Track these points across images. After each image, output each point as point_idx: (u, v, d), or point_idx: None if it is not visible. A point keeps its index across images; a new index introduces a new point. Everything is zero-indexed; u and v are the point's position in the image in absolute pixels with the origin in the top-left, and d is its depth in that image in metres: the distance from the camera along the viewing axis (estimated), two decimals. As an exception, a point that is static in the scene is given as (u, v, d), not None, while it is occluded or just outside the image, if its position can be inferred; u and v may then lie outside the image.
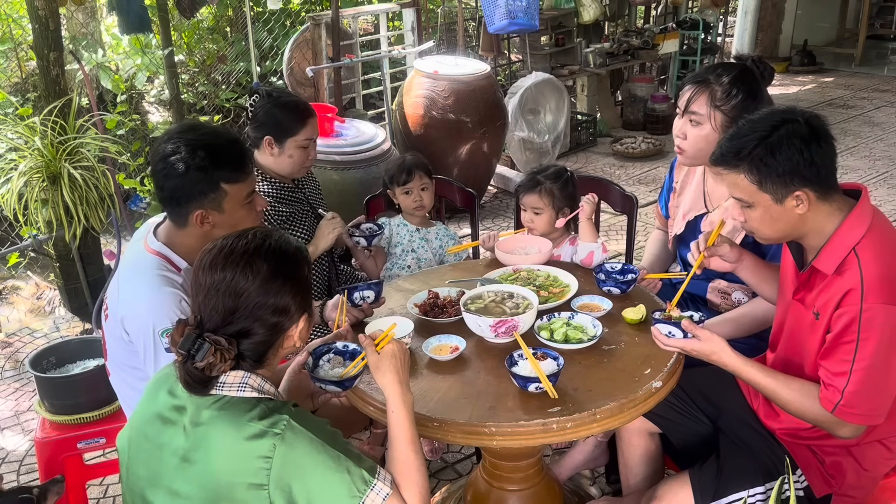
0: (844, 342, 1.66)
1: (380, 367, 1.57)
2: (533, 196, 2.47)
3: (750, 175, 1.69)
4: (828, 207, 1.71)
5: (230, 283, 1.42)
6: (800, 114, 1.70)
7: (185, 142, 1.86)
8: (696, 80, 2.22)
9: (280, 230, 1.67)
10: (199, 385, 1.41)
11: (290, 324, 1.48)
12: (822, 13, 9.76)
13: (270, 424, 1.37)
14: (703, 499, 1.85)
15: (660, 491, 1.93)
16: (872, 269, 1.64)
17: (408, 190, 2.78)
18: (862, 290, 1.63)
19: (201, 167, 1.83)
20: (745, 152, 1.68)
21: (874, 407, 1.69)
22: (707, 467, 1.89)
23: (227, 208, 1.88)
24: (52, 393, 2.41)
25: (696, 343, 1.78)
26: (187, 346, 1.38)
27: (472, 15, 7.04)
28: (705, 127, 2.18)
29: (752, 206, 1.72)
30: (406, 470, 1.49)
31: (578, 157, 6.27)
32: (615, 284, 2.17)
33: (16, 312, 4.10)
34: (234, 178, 1.87)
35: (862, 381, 1.65)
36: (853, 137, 6.59)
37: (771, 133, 1.67)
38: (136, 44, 5.45)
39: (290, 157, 2.59)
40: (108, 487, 2.87)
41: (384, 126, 5.04)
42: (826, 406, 1.70)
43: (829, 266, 1.70)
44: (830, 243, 1.71)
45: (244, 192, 1.90)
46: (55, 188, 3.38)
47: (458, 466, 2.86)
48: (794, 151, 1.64)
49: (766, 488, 1.84)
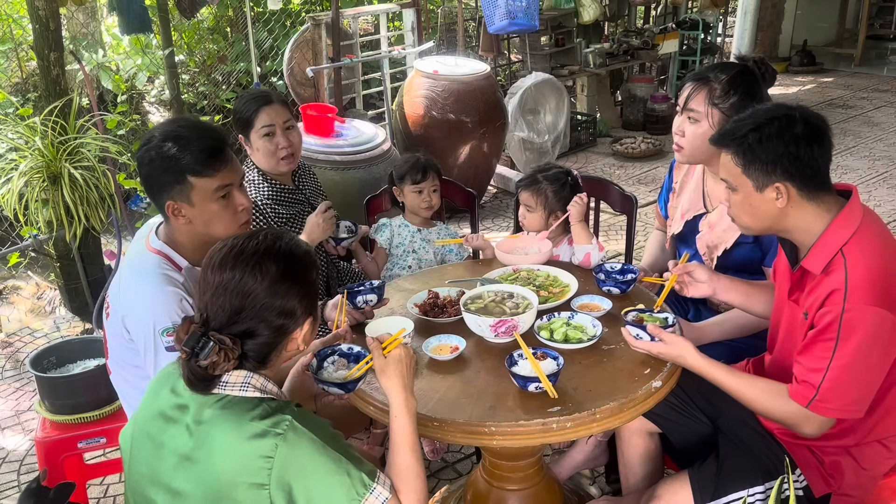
0: (823, 339, 1.68)
1: (385, 370, 1.57)
2: (528, 193, 2.48)
3: (736, 157, 1.73)
4: (815, 207, 1.72)
5: (238, 282, 1.42)
6: (801, 111, 1.72)
7: (161, 132, 1.88)
8: (696, 78, 2.23)
9: (290, 232, 1.66)
10: (202, 383, 1.41)
11: (294, 327, 1.48)
12: (822, 13, 9.76)
13: (273, 424, 1.37)
14: (703, 498, 1.85)
15: (659, 490, 1.93)
16: (858, 270, 1.65)
17: (420, 189, 2.77)
18: (846, 291, 1.64)
19: (168, 157, 1.83)
20: (739, 134, 1.73)
21: (850, 402, 1.69)
22: (706, 467, 1.90)
23: (195, 201, 1.86)
24: (52, 393, 2.41)
25: (662, 346, 1.81)
26: (192, 343, 1.38)
27: (472, 15, 7.04)
28: (703, 124, 2.18)
29: (736, 189, 1.77)
30: (406, 476, 1.49)
31: (578, 157, 6.27)
32: (615, 284, 2.17)
33: (16, 312, 4.11)
34: (199, 171, 1.84)
35: (838, 378, 1.66)
36: (853, 137, 6.59)
37: (768, 123, 1.71)
38: (137, 44, 5.46)
39: (258, 150, 2.55)
40: (108, 487, 2.87)
41: (384, 126, 5.04)
42: (799, 401, 1.70)
43: (817, 266, 1.72)
44: (819, 243, 1.73)
45: (212, 187, 1.86)
46: (55, 188, 3.38)
47: (458, 466, 2.86)
48: (780, 143, 1.68)
49: (766, 488, 1.84)
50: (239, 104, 2.60)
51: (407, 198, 2.81)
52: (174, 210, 1.87)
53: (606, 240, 4.32)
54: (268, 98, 2.56)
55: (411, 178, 2.76)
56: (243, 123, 2.55)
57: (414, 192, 2.78)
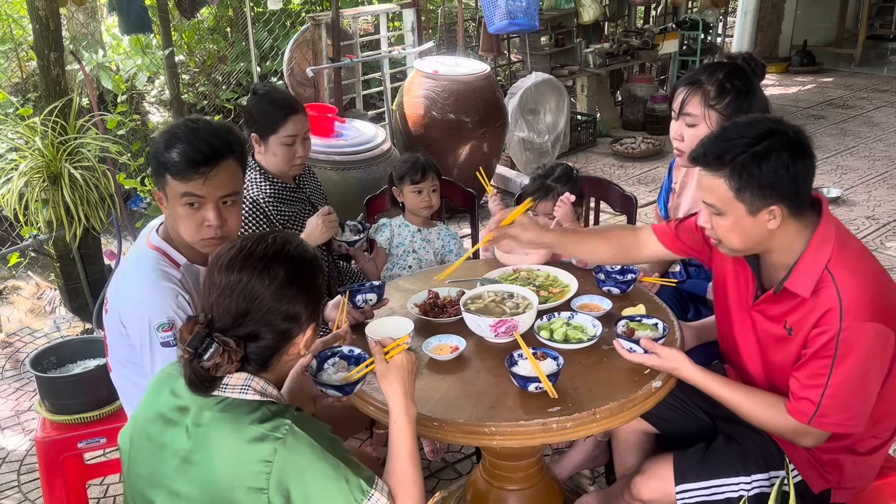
0: (821, 357, 1.66)
1: (387, 376, 1.57)
2: (548, 203, 2.47)
3: (730, 181, 1.63)
4: (797, 225, 1.68)
5: (245, 285, 1.41)
6: (788, 126, 1.65)
7: (174, 123, 1.92)
8: (689, 82, 2.22)
9: (297, 235, 1.66)
10: (204, 384, 1.41)
11: (298, 331, 1.48)
12: (822, 13, 9.76)
13: (272, 428, 1.37)
14: (683, 477, 1.87)
15: (645, 465, 1.97)
16: (850, 288, 1.63)
17: (419, 189, 2.77)
18: (841, 310, 1.62)
19: (158, 148, 1.86)
20: (729, 157, 1.62)
21: (850, 416, 1.69)
22: (694, 451, 1.92)
23: (169, 197, 1.87)
24: (52, 393, 2.41)
25: (657, 360, 1.79)
26: (195, 344, 1.38)
27: (472, 15, 7.04)
28: (701, 127, 2.18)
29: (724, 214, 1.67)
30: (404, 483, 1.49)
31: (578, 158, 6.27)
32: (615, 284, 2.17)
33: (16, 312, 4.11)
34: (173, 172, 1.83)
35: (837, 394, 1.65)
36: (853, 137, 6.59)
37: (759, 141, 1.62)
38: (137, 44, 5.46)
39: (275, 155, 2.55)
40: (108, 487, 2.87)
41: (384, 126, 5.04)
42: (799, 418, 1.70)
43: (805, 288, 1.68)
44: (802, 263, 1.68)
45: (179, 191, 1.84)
46: (56, 188, 3.38)
47: (458, 466, 2.86)
48: (779, 164, 1.60)
49: (753, 479, 1.85)
50: (262, 104, 2.54)
51: (406, 198, 2.81)
52: (158, 198, 1.90)
53: (606, 240, 4.31)
54: (295, 107, 2.56)
55: (410, 179, 2.77)
56: (265, 126, 2.52)
57: (413, 193, 2.78)
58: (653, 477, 1.92)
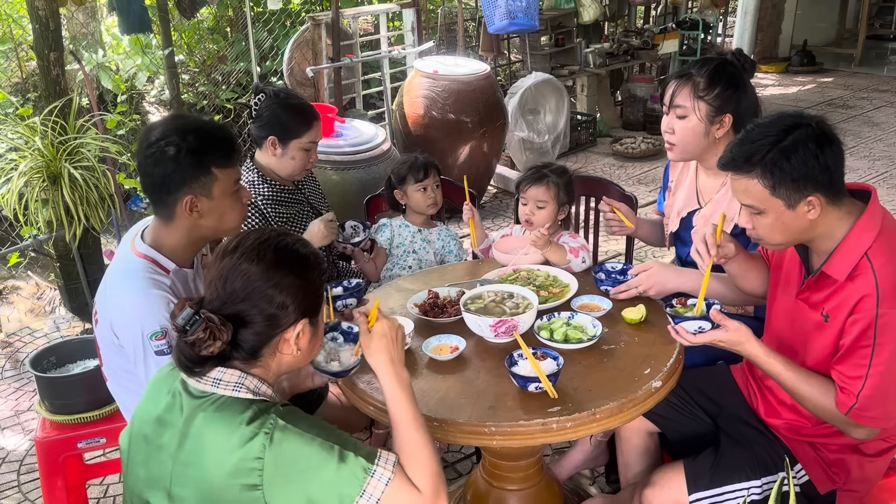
0: (860, 346, 1.65)
1: (370, 347, 1.55)
2: (539, 188, 2.42)
3: (763, 180, 1.65)
4: (837, 212, 1.69)
5: (236, 265, 1.43)
6: (811, 118, 1.67)
7: (175, 127, 1.85)
8: (679, 76, 2.24)
9: (301, 236, 1.66)
10: (191, 365, 1.41)
11: (287, 321, 1.46)
12: (822, 13, 9.77)
13: (260, 425, 1.36)
14: (697, 487, 1.86)
15: (654, 477, 1.95)
16: (887, 275, 1.63)
17: (424, 186, 2.77)
18: (878, 296, 1.62)
19: (192, 150, 1.82)
20: (758, 157, 1.65)
21: (889, 411, 1.68)
22: (703, 458, 1.91)
23: (216, 194, 1.86)
24: (52, 393, 2.41)
25: (724, 333, 1.76)
26: (183, 321, 1.39)
27: (472, 15, 7.04)
28: (691, 119, 2.19)
29: (764, 212, 1.69)
30: (411, 450, 1.46)
31: (578, 157, 6.27)
32: (615, 284, 2.17)
33: (16, 312, 4.11)
34: (223, 162, 1.85)
35: (877, 385, 1.64)
36: (853, 137, 6.59)
37: (784, 137, 1.64)
38: (137, 44, 5.46)
39: (293, 159, 2.57)
40: (108, 487, 2.87)
41: (384, 126, 5.04)
42: (841, 409, 1.69)
43: (842, 272, 1.68)
44: (842, 248, 1.69)
45: (233, 178, 1.89)
46: (55, 188, 3.38)
47: (458, 466, 2.86)
48: (808, 155, 1.62)
49: (763, 482, 1.85)
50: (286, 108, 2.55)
51: (411, 198, 2.80)
52: (191, 204, 1.85)
53: (606, 240, 4.31)
54: (317, 113, 2.63)
55: (414, 177, 2.76)
56: (289, 130, 2.54)
57: (418, 192, 2.77)
58: (665, 488, 1.90)
